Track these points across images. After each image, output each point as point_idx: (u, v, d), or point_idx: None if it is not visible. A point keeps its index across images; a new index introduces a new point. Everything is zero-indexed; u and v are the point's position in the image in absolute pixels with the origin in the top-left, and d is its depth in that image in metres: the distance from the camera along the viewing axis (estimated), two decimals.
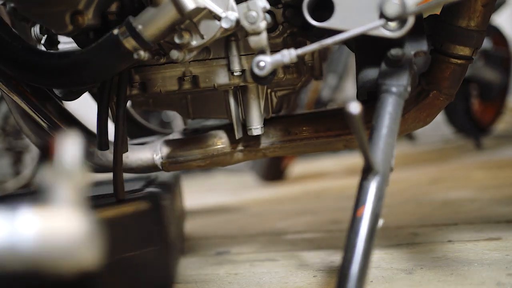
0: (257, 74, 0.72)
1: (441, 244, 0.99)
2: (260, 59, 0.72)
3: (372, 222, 0.62)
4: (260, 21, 0.70)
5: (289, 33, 0.88)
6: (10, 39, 0.73)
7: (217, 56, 0.88)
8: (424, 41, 0.77)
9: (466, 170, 2.06)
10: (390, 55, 0.72)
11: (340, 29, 0.72)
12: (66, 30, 0.72)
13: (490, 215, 1.22)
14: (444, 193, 1.62)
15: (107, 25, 0.76)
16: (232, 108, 0.92)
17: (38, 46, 0.87)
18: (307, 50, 0.72)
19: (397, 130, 0.70)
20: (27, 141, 2.96)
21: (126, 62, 0.73)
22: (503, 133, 3.08)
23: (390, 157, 0.68)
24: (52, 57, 0.73)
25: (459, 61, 0.86)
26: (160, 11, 0.68)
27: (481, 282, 0.76)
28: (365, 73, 0.78)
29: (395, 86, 0.71)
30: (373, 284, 0.82)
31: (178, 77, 0.89)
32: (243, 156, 0.96)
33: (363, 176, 0.65)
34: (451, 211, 1.33)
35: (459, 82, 0.89)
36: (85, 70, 0.72)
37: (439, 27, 0.86)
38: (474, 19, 0.83)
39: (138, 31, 0.69)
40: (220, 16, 0.71)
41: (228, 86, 0.89)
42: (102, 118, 0.85)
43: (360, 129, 0.57)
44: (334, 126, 0.95)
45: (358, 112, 0.56)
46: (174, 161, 0.94)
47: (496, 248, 0.93)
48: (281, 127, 0.95)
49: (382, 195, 0.65)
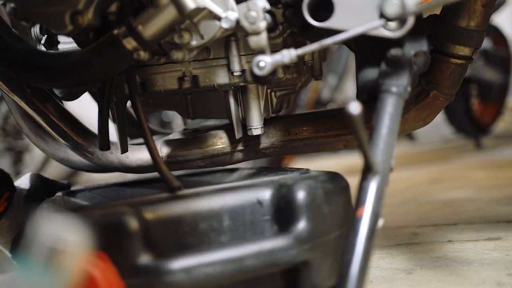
0: (257, 74, 0.72)
1: (441, 244, 0.99)
2: (260, 59, 0.72)
3: (372, 222, 0.62)
4: (260, 21, 0.70)
5: (289, 33, 0.88)
6: (10, 39, 0.73)
7: (217, 56, 0.88)
8: (424, 41, 0.77)
9: (466, 170, 2.06)
10: (390, 55, 0.72)
11: (340, 29, 0.72)
12: (66, 30, 0.72)
13: (490, 215, 1.22)
14: (444, 193, 1.62)
15: (107, 25, 0.76)
16: (232, 108, 0.91)
17: (38, 46, 0.87)
18: (307, 50, 0.72)
19: (397, 130, 0.70)
20: (27, 141, 2.96)
21: (126, 62, 0.73)
22: (503, 133, 3.08)
23: (390, 157, 0.68)
24: (52, 57, 0.73)
25: (459, 61, 0.86)
26: (160, 11, 0.68)
27: (481, 282, 0.76)
28: (365, 73, 0.78)
29: (395, 86, 0.71)
30: (373, 284, 0.82)
31: (178, 77, 0.89)
32: (243, 156, 0.96)
33: (363, 176, 0.65)
34: (451, 211, 1.33)
35: (459, 82, 0.89)
36: (85, 70, 0.72)
37: (439, 27, 0.86)
38: (474, 19, 0.83)
39: (138, 31, 0.69)
40: (220, 16, 0.71)
41: (228, 86, 0.89)
42: (103, 118, 0.85)
43: (360, 129, 0.57)
44: (334, 126, 0.95)
45: (358, 112, 0.56)
46: (174, 161, 0.94)
47: (496, 248, 0.93)
48: (281, 127, 0.95)
49: (382, 195, 0.65)
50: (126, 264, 0.61)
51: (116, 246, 0.61)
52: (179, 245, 0.66)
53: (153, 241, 0.65)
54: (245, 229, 0.69)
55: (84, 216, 0.64)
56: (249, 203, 0.70)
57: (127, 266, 0.61)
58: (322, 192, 0.72)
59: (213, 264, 0.62)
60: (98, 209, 0.67)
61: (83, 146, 0.95)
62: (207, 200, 0.69)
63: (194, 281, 0.61)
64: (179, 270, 0.61)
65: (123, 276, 0.60)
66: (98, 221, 0.63)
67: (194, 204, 0.69)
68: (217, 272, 0.62)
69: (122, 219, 0.62)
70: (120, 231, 0.61)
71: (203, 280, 0.62)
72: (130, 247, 0.61)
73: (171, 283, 0.61)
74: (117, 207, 0.66)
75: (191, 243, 0.66)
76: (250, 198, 0.70)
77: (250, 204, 0.70)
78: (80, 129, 0.96)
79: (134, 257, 0.62)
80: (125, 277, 0.60)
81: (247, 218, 0.70)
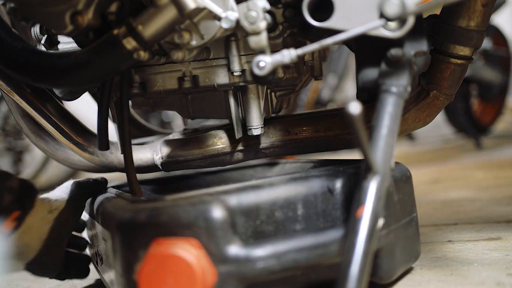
0: (257, 74, 0.72)
1: (441, 244, 0.99)
2: (260, 59, 0.72)
3: (372, 222, 0.62)
4: (260, 21, 0.70)
5: (289, 33, 0.88)
6: (10, 39, 0.73)
7: (217, 56, 0.88)
8: (424, 41, 0.77)
9: (466, 170, 2.06)
10: (390, 55, 0.72)
11: (340, 29, 0.72)
12: (66, 30, 0.72)
13: (490, 215, 1.22)
14: (444, 193, 1.62)
15: (107, 25, 0.76)
16: (232, 108, 0.91)
17: (38, 46, 0.87)
18: (307, 50, 0.72)
19: (397, 130, 0.70)
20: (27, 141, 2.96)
21: (126, 62, 0.73)
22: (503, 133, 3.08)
23: (390, 157, 0.68)
24: (52, 57, 0.73)
25: (459, 61, 0.86)
26: (160, 11, 0.68)
27: (481, 282, 0.76)
28: (365, 73, 0.78)
29: (395, 86, 0.71)
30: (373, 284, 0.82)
31: (178, 77, 0.89)
32: (243, 156, 0.96)
33: (363, 176, 0.65)
34: (451, 211, 1.33)
35: (459, 82, 0.89)
36: (85, 70, 0.72)
37: (439, 27, 0.86)
38: (474, 19, 0.83)
39: (138, 31, 0.69)
40: (220, 16, 0.71)
41: (228, 86, 0.89)
42: (102, 118, 0.85)
43: (360, 129, 0.57)
44: (334, 126, 0.95)
45: (358, 112, 0.56)
46: (174, 161, 0.94)
47: (496, 248, 0.93)
48: (281, 127, 0.95)
49: (382, 195, 0.65)
50: (217, 251, 0.63)
51: (207, 234, 0.63)
52: (257, 232, 0.68)
53: (237, 229, 0.67)
54: (317, 217, 0.71)
55: (174, 205, 0.66)
56: (321, 192, 0.72)
57: (218, 253, 0.63)
58: (392, 181, 0.75)
59: (300, 250, 0.65)
60: (186, 198, 0.69)
61: (83, 146, 0.96)
62: (282, 189, 0.72)
63: (284, 266, 0.64)
64: (269, 256, 0.64)
65: (214, 263, 0.62)
66: (188, 210, 0.64)
67: (271, 192, 0.71)
68: (304, 258, 0.65)
69: (214, 208, 0.64)
70: (212, 220, 0.63)
71: (292, 265, 0.64)
72: (221, 235, 0.63)
73: (263, 268, 0.63)
74: (204, 196, 0.68)
75: (268, 230, 0.69)
76: (321, 187, 0.72)
77: (322, 193, 0.72)
78: (80, 129, 0.96)
79: (225, 244, 0.63)
80: (217, 264, 0.62)
81: (319, 207, 0.72)
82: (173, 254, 0.61)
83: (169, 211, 0.65)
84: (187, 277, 0.60)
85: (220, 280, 0.62)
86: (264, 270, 0.63)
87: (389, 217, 0.72)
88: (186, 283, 0.60)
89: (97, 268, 0.90)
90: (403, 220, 0.76)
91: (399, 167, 0.81)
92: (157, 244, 0.63)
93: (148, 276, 0.62)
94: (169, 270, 0.61)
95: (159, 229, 0.64)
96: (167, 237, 0.63)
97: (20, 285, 1.06)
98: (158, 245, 0.63)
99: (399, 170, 0.79)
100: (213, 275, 0.62)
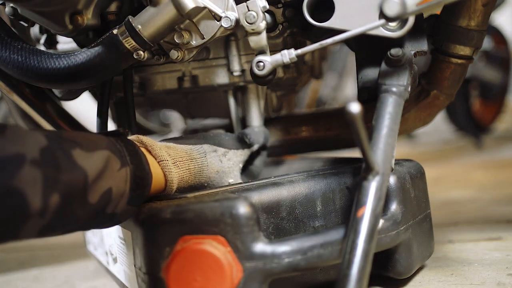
0: (257, 74, 0.72)
1: (441, 244, 0.99)
2: (260, 59, 0.71)
3: (372, 223, 0.62)
4: (260, 21, 0.70)
5: (289, 33, 0.87)
6: (9, 39, 0.73)
7: (217, 56, 0.88)
8: (424, 41, 0.77)
9: (466, 170, 2.05)
10: (390, 55, 0.72)
11: (340, 29, 0.72)
12: (66, 30, 0.72)
13: (490, 215, 1.22)
14: (444, 193, 1.62)
15: (107, 25, 0.76)
16: (232, 108, 0.91)
17: (38, 46, 0.87)
18: (307, 50, 0.71)
19: (397, 130, 0.70)
20: None
21: (125, 62, 0.73)
22: (503, 133, 3.08)
23: (390, 157, 0.68)
24: (51, 57, 0.73)
25: (459, 61, 0.86)
26: (159, 11, 0.68)
27: (481, 282, 0.76)
28: (365, 73, 0.78)
29: (395, 86, 0.71)
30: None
31: (178, 77, 0.89)
32: None
33: (363, 176, 0.65)
34: (451, 211, 1.33)
35: (459, 82, 0.89)
36: (84, 70, 0.72)
37: (440, 27, 0.86)
38: (474, 19, 0.83)
39: (137, 31, 0.69)
40: (219, 16, 0.71)
41: (227, 86, 0.89)
42: (102, 118, 0.85)
43: (360, 129, 0.57)
44: (334, 126, 0.95)
45: (358, 112, 0.56)
46: None
47: (497, 248, 0.93)
48: (281, 127, 0.95)
49: (382, 195, 0.64)
50: (243, 248, 0.63)
51: (233, 231, 0.63)
52: (279, 229, 0.70)
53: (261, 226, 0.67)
54: (336, 214, 0.73)
55: (198, 201, 0.66)
56: (339, 189, 0.74)
57: (245, 250, 0.63)
58: (409, 177, 0.75)
59: (324, 246, 0.65)
60: (209, 195, 0.69)
61: None
62: (302, 185, 0.73)
63: (309, 262, 0.64)
64: (295, 252, 0.64)
65: (241, 260, 0.62)
66: (214, 207, 0.64)
67: (291, 189, 0.72)
68: (328, 253, 0.65)
69: (240, 204, 0.64)
70: (239, 216, 0.63)
71: (317, 261, 0.65)
72: (247, 231, 0.63)
73: (288, 264, 0.63)
74: (229, 193, 0.69)
75: (289, 227, 0.70)
76: (339, 184, 0.74)
77: (340, 189, 0.74)
78: (79, 129, 0.96)
79: (251, 241, 0.63)
80: (243, 260, 0.62)
81: (337, 203, 0.73)
82: (202, 250, 0.61)
83: (194, 207, 0.64)
84: (216, 273, 0.61)
85: (246, 276, 0.62)
86: (290, 266, 0.64)
87: (407, 213, 0.73)
88: (215, 278, 0.61)
89: (107, 268, 0.89)
90: (419, 216, 0.77)
91: (413, 164, 0.81)
92: (184, 241, 0.63)
93: (176, 273, 0.62)
94: (197, 266, 0.61)
95: (185, 226, 0.63)
96: (193, 234, 0.63)
97: (20, 285, 1.06)
98: (185, 242, 0.63)
99: (413, 167, 0.80)
100: (240, 271, 0.62)
